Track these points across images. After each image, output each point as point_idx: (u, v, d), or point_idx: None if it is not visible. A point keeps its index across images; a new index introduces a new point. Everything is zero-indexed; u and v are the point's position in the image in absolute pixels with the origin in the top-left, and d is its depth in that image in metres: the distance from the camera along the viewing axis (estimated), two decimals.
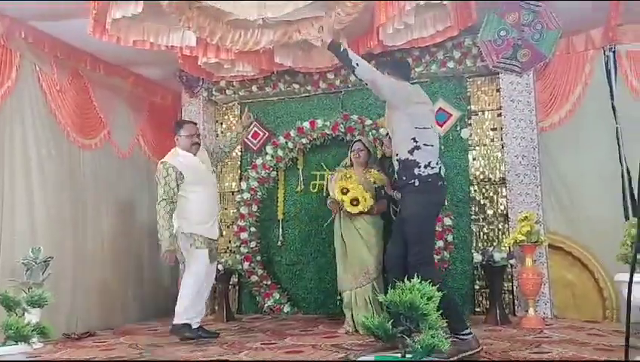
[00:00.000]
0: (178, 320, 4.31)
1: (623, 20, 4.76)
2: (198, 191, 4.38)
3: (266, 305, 5.80)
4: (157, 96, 6.43)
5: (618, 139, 4.78)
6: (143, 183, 6.05)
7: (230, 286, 5.85)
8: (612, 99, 4.88)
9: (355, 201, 4.35)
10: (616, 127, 4.79)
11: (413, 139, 3.44)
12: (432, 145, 3.51)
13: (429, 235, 3.55)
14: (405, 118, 3.50)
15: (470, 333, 3.32)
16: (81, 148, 5.26)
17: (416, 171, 3.43)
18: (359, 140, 4.79)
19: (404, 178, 3.50)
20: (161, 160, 4.45)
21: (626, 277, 2.79)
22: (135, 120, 6.10)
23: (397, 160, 3.57)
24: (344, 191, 4.38)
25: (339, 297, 4.74)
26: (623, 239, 3.06)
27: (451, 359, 3.03)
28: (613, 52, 4.96)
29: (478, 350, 3.28)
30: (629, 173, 4.65)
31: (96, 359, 3.68)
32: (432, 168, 3.45)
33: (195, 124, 4.78)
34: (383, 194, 4.53)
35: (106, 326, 5.21)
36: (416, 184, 3.43)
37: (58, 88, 4.96)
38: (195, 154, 4.49)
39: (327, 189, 5.13)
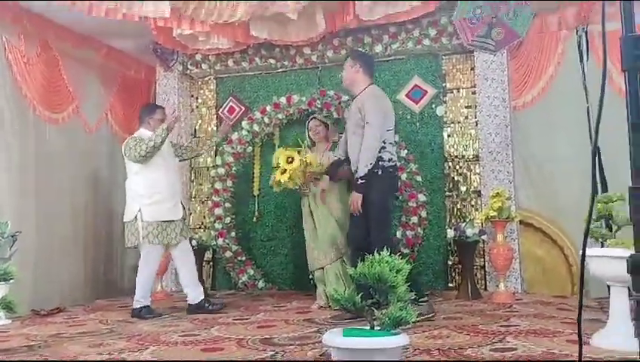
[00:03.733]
0: (136, 304, 4.36)
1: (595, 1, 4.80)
2: (159, 170, 4.44)
3: (240, 281, 5.81)
4: (130, 69, 6.29)
5: (589, 118, 4.84)
6: (109, 159, 5.91)
7: (204, 263, 5.84)
8: (584, 78, 4.93)
9: (289, 159, 4.39)
10: (587, 107, 4.84)
11: (383, 141, 3.90)
12: (393, 143, 4.08)
13: (389, 220, 4.17)
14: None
15: (427, 300, 3.77)
16: (47, 122, 5.11)
17: (380, 163, 3.90)
18: (314, 117, 4.86)
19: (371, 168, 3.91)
20: (130, 136, 4.52)
21: (592, 252, 2.87)
22: (105, 94, 5.96)
23: None
24: (277, 165, 4.45)
25: (310, 276, 4.77)
26: (588, 215, 3.11)
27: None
28: (586, 32, 5.00)
29: (433, 314, 3.72)
30: (598, 150, 4.72)
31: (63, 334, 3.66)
32: (392, 161, 3.99)
33: (164, 108, 4.87)
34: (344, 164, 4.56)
35: (76, 302, 5.17)
36: (380, 173, 3.89)
37: (25, 60, 4.83)
38: None
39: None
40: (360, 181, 3.84)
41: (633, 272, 1.30)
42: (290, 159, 4.39)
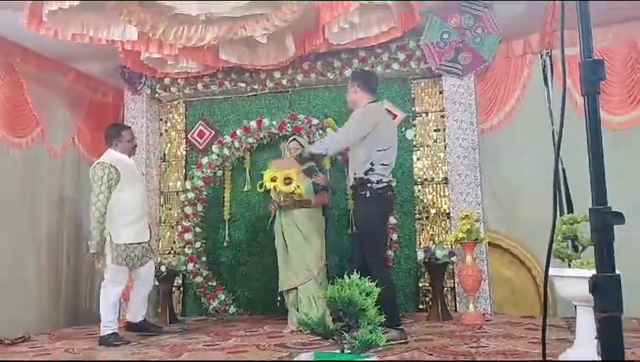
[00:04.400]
0: (106, 330, 4.24)
1: (558, 26, 4.93)
2: (130, 193, 4.39)
3: (211, 306, 5.71)
4: (97, 93, 6.22)
5: (554, 141, 4.95)
6: (76, 184, 5.79)
7: (174, 288, 5.74)
8: (549, 102, 5.05)
9: (287, 180, 4.37)
10: (553, 130, 4.95)
11: (371, 163, 3.85)
12: (387, 164, 3.92)
13: (381, 240, 4.02)
14: (366, 142, 3.88)
15: (402, 329, 3.76)
16: (10, 146, 5.01)
17: (368, 185, 3.86)
18: (294, 139, 4.88)
19: (358, 190, 3.92)
20: (98, 161, 4.41)
21: (557, 272, 2.91)
22: (72, 118, 5.86)
23: (354, 177, 3.95)
24: (274, 179, 4.40)
25: (279, 298, 4.73)
26: (554, 236, 3.16)
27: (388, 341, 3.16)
28: (550, 56, 5.13)
29: (405, 341, 3.69)
30: (564, 171, 4.84)
31: None
32: (383, 183, 3.88)
33: (130, 128, 4.89)
34: (320, 187, 4.63)
35: (41, 330, 5.00)
36: (368, 195, 3.85)
37: None
38: (129, 157, 4.58)
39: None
40: (303, 155, 4.03)
41: (595, 292, 1.32)
42: (287, 181, 4.38)
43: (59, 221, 5.59)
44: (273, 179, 4.39)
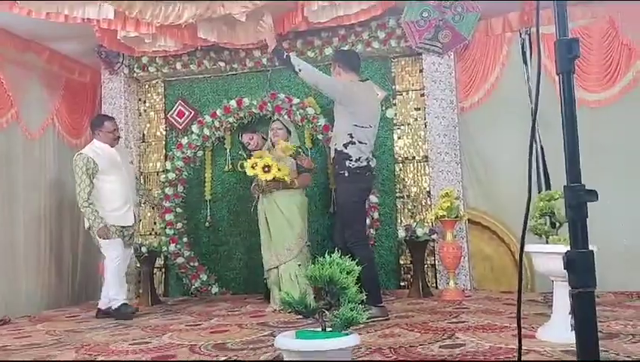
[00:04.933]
0: (116, 303, 4.50)
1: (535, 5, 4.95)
2: (112, 181, 4.63)
3: (193, 286, 5.71)
4: (74, 73, 6.08)
5: (533, 118, 5.00)
6: (56, 166, 5.71)
7: (155, 269, 5.73)
8: (527, 80, 5.10)
9: (266, 168, 4.39)
10: (531, 107, 5.01)
11: (350, 135, 3.89)
12: (366, 143, 3.96)
13: (360, 218, 4.07)
14: (346, 115, 3.93)
15: (383, 306, 3.85)
16: None
17: (347, 163, 3.90)
18: (277, 120, 4.89)
19: (337, 167, 4.00)
20: (79, 152, 4.66)
21: (534, 248, 2.97)
22: (49, 98, 5.74)
23: (334, 149, 4.00)
24: (254, 166, 4.41)
25: (265, 276, 4.76)
26: (532, 212, 3.22)
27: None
28: (529, 35, 5.17)
29: (386, 318, 3.75)
30: (542, 149, 4.91)
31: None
32: (361, 162, 3.93)
33: (113, 119, 5.02)
34: (302, 168, 4.65)
35: (22, 313, 4.97)
36: (346, 175, 3.93)
37: None
38: (112, 147, 4.77)
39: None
40: (277, 50, 4.04)
41: (569, 268, 1.35)
42: (266, 168, 4.40)
43: (40, 201, 5.51)
44: (253, 167, 4.40)
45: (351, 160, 3.90)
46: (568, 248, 1.39)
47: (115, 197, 4.64)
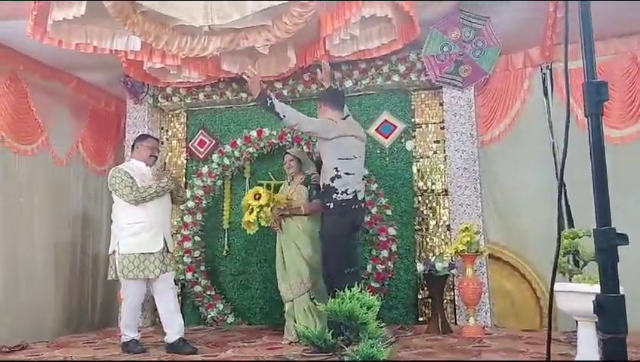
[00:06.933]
0: (125, 338, 4.30)
1: (560, 40, 4.95)
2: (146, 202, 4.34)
3: (209, 315, 5.70)
4: (100, 101, 6.25)
5: (554, 153, 4.98)
6: (80, 192, 5.83)
7: None
8: (549, 114, 5.09)
9: (257, 195, 4.48)
10: (552, 142, 4.99)
11: (335, 168, 4.04)
12: (354, 174, 4.09)
13: (341, 250, 4.07)
14: (330, 150, 4.12)
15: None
16: (16, 153, 5.06)
17: (333, 196, 4.01)
18: (287, 152, 4.93)
19: (325, 200, 4.12)
20: (114, 168, 4.43)
21: (560, 287, 2.92)
22: (76, 126, 5.90)
23: (322, 184, 4.18)
24: (250, 211, 4.49)
25: (284, 309, 4.73)
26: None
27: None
28: (550, 70, 5.18)
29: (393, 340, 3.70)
30: (564, 186, 4.85)
31: None
32: (348, 194, 4.02)
33: (157, 140, 4.87)
34: (314, 194, 4.60)
35: (40, 338, 4.98)
36: (331, 207, 4.03)
37: None
38: (147, 165, 4.50)
39: None
40: (263, 97, 4.01)
41: (599, 313, 1.32)
42: (257, 196, 4.46)
43: (64, 227, 5.59)
44: (249, 211, 4.49)
45: (337, 192, 3.99)
46: (593, 287, 1.36)
47: (143, 217, 4.22)
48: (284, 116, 4.00)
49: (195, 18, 3.97)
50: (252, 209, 4.42)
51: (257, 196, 4.46)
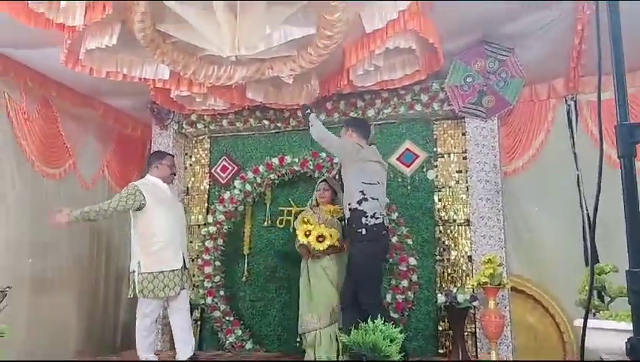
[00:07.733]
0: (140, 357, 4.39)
1: (584, 72, 4.95)
2: (158, 217, 4.43)
3: (227, 341, 5.69)
4: (127, 127, 6.38)
5: (579, 185, 4.95)
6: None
7: (192, 321, 5.72)
8: (573, 146, 5.07)
9: (320, 238, 4.40)
10: (577, 174, 4.96)
11: (362, 191, 4.04)
12: (377, 199, 4.09)
13: (376, 278, 4.11)
14: (354, 173, 4.16)
15: None
16: (45, 177, 5.18)
17: (363, 220, 3.97)
18: (324, 180, 4.92)
19: (354, 226, 4.06)
20: (132, 182, 4.59)
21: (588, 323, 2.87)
22: (102, 151, 6.04)
23: (349, 209, 4.12)
24: (307, 234, 4.45)
25: (298, 339, 4.71)
26: (581, 285, 3.13)
27: None
28: (575, 101, 5.17)
29: None
30: (589, 219, 4.80)
31: None
32: (377, 218, 4.01)
33: (174, 156, 5.04)
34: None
35: (68, 357, 5.06)
36: (363, 233, 3.97)
37: (26, 117, 4.92)
38: (165, 182, 4.65)
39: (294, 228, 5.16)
40: (305, 109, 4.70)
41: (632, 354, 1.31)
42: (320, 238, 4.46)
43: (89, 250, 5.69)
44: (307, 234, 4.46)
45: (367, 216, 3.95)
46: (620, 324, 1.35)
47: (162, 235, 4.35)
48: (311, 125, 4.28)
49: (222, 49, 4.04)
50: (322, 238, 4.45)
51: (321, 239, 4.46)
